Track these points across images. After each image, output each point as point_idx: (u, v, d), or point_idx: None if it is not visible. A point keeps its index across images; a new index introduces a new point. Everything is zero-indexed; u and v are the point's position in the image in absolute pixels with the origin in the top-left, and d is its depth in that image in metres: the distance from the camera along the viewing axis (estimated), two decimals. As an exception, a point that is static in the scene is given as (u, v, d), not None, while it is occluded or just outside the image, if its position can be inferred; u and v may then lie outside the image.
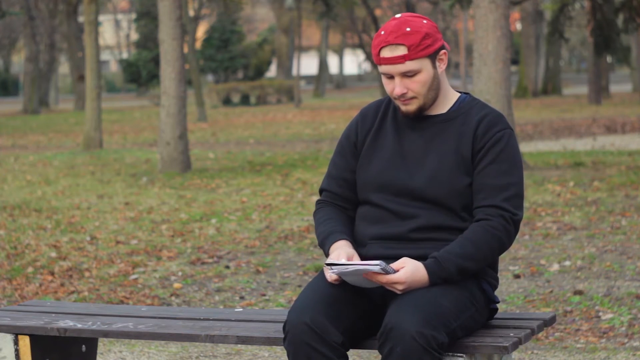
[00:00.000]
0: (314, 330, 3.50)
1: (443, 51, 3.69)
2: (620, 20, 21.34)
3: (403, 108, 3.71)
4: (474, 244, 3.60)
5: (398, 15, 3.71)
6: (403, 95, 3.66)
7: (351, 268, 3.54)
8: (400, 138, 3.73)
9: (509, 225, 3.63)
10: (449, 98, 3.76)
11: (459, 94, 3.78)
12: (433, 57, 3.67)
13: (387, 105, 3.81)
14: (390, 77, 3.67)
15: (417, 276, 3.54)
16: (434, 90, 3.70)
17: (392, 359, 3.42)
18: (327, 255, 3.73)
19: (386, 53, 3.63)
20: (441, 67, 3.70)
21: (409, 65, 3.63)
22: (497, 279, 3.78)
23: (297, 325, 3.51)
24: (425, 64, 3.65)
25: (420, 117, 3.74)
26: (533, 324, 3.80)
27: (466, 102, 3.75)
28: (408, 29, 3.62)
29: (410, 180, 3.67)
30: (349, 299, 3.62)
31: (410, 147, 3.70)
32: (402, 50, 3.62)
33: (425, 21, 3.67)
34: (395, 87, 3.66)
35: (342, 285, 3.66)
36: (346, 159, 3.83)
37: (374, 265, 3.52)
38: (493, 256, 3.67)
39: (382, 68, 3.66)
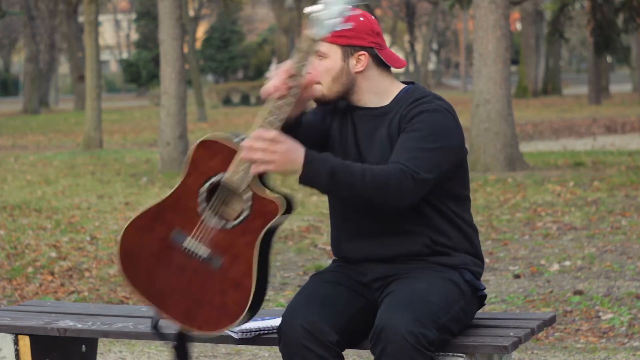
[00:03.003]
0: (308, 331, 3.50)
1: (362, 52, 3.64)
2: (620, 20, 21.35)
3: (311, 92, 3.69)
4: (365, 166, 3.48)
5: None
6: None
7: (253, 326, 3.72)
8: (355, 132, 3.72)
9: (405, 177, 3.46)
10: (392, 91, 3.71)
11: (403, 86, 3.73)
12: (346, 50, 3.64)
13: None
14: None
15: (285, 147, 3.37)
16: (341, 84, 3.66)
17: (383, 360, 3.43)
18: None
19: None
20: (356, 67, 3.64)
21: (319, 45, 3.63)
22: (480, 266, 3.73)
23: (291, 326, 3.52)
24: (334, 52, 3.65)
25: (362, 109, 3.70)
26: (533, 324, 3.80)
27: (408, 92, 3.69)
28: None
29: None
30: (343, 298, 3.62)
31: (363, 140, 3.69)
32: None
33: (362, 18, 3.66)
34: None
35: (336, 284, 3.67)
36: (316, 119, 3.75)
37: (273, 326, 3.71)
38: (376, 190, 3.45)
39: None
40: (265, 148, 3.36)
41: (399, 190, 3.46)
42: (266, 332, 3.78)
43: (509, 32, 14.46)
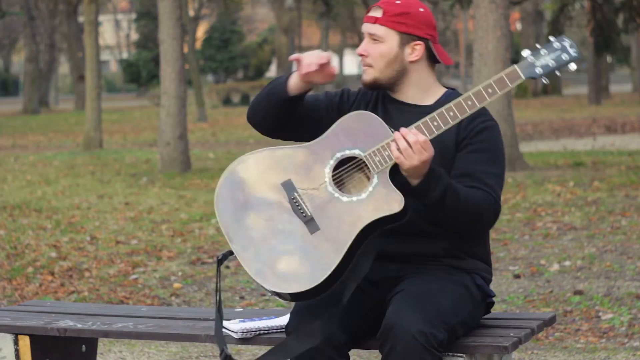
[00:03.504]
0: (320, 331, 3.49)
1: (418, 42, 3.67)
2: (620, 20, 21.35)
3: (362, 76, 3.73)
4: (468, 191, 3.56)
5: None
6: (363, 57, 3.71)
7: (255, 326, 3.73)
8: (387, 121, 3.72)
9: (495, 207, 3.60)
10: (435, 92, 3.74)
11: (445, 89, 3.77)
12: (404, 38, 3.67)
13: (378, 92, 3.81)
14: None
15: (426, 156, 3.46)
16: (394, 70, 3.69)
17: (392, 358, 3.42)
18: (284, 88, 3.67)
19: (369, 12, 3.73)
20: (411, 55, 3.67)
21: (376, 29, 3.68)
22: (490, 273, 3.76)
23: (302, 325, 3.52)
24: (391, 37, 3.67)
25: (405, 105, 3.73)
26: (533, 324, 3.80)
27: (452, 97, 3.72)
28: (398, 2, 3.69)
29: None
30: (351, 298, 3.62)
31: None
32: (378, 13, 3.70)
33: (422, 9, 3.70)
34: (361, 45, 3.73)
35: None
36: (321, 103, 3.79)
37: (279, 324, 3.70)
38: (472, 218, 3.56)
39: (362, 27, 3.75)
40: (413, 145, 3.43)
41: (489, 219, 3.60)
42: (266, 332, 3.78)
43: (509, 32, 14.46)
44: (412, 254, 3.67)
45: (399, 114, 3.71)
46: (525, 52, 3.50)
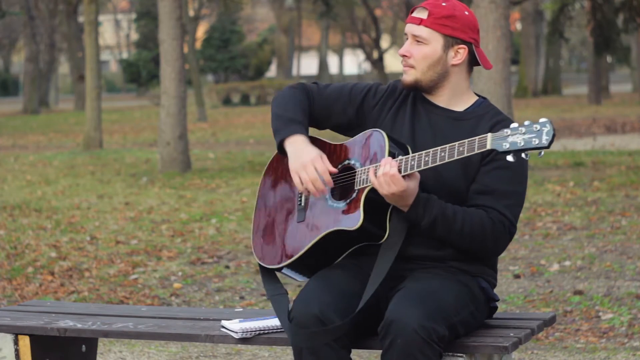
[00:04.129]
0: (319, 319, 3.50)
1: (462, 46, 3.68)
2: (620, 20, 21.36)
3: (403, 77, 3.77)
4: (465, 218, 3.58)
5: None
6: (405, 58, 3.72)
7: (254, 326, 3.80)
8: (414, 123, 3.74)
9: (504, 231, 3.61)
10: (467, 99, 3.76)
11: (477, 97, 3.78)
12: (448, 40, 3.68)
13: (409, 91, 3.83)
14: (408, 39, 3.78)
15: (394, 189, 3.52)
16: (436, 73, 3.70)
17: (392, 352, 3.42)
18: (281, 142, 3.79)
19: (413, 13, 3.74)
20: (454, 59, 3.69)
21: (421, 30, 3.69)
22: (495, 278, 3.78)
23: (304, 314, 3.53)
24: (436, 39, 3.68)
25: (436, 108, 3.73)
26: (533, 324, 3.80)
27: (482, 107, 3.75)
28: (444, 4, 3.69)
29: None
30: (355, 291, 3.63)
31: (421, 135, 3.71)
32: (423, 15, 3.70)
33: (467, 12, 3.70)
34: (404, 46, 3.74)
35: (349, 277, 3.68)
36: (341, 99, 3.86)
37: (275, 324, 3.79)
38: (472, 243, 3.61)
39: (405, 27, 3.77)
40: (384, 175, 3.51)
41: (495, 241, 3.61)
42: (266, 332, 3.78)
43: (509, 32, 14.45)
44: (419, 255, 3.68)
45: (427, 116, 3.73)
46: (513, 124, 3.39)
